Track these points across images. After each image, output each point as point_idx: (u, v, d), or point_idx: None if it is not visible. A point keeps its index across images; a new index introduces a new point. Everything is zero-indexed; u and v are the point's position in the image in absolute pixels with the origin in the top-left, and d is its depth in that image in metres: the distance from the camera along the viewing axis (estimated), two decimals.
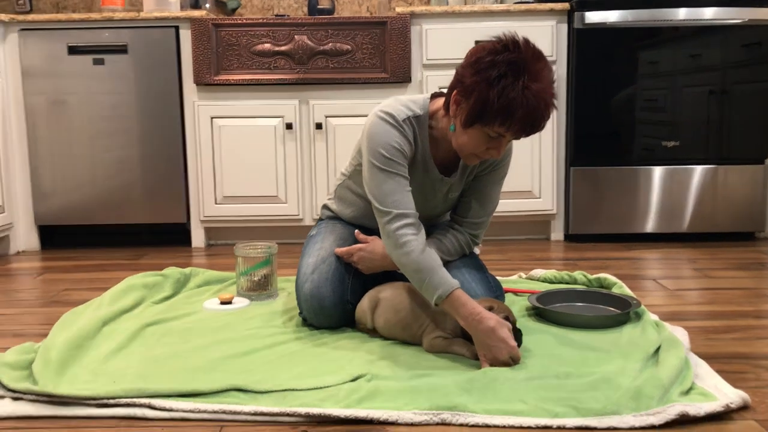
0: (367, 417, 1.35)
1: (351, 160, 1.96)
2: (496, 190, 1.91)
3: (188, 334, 1.85)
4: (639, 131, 3.13)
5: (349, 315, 1.88)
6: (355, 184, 1.95)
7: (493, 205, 1.92)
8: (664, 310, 2.09)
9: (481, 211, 1.90)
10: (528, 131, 1.59)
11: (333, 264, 1.89)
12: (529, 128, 1.58)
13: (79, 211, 3.20)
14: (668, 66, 3.07)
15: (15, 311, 2.21)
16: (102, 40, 3.09)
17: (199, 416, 1.38)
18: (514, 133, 1.59)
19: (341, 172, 2.04)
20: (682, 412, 1.31)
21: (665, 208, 3.16)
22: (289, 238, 3.24)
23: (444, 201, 1.91)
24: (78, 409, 1.42)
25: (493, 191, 1.91)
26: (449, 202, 1.92)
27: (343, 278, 1.89)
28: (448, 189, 1.86)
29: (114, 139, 3.16)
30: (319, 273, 1.87)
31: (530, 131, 1.59)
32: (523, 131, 1.58)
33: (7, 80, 3.13)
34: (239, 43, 3.08)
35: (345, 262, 1.91)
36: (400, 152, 1.71)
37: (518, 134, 1.60)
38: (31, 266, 2.90)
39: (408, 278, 1.70)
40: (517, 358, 1.58)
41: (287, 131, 3.13)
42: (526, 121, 1.55)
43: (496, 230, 3.29)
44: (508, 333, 1.59)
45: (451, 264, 1.90)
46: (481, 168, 1.87)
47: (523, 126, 1.56)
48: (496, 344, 1.57)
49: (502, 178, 1.91)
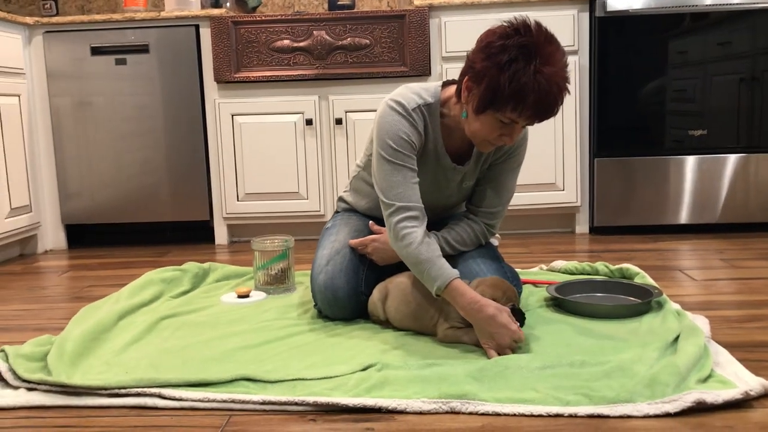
0: (375, 405, 1.33)
1: (365, 150, 1.94)
2: (512, 178, 1.88)
3: (203, 327, 1.85)
4: (665, 120, 3.06)
5: (364, 306, 1.87)
6: (369, 175, 1.94)
7: (509, 194, 1.89)
8: (688, 300, 2.04)
9: (496, 200, 1.87)
10: (541, 116, 1.56)
11: (347, 256, 1.88)
12: (542, 113, 1.55)
13: (105, 210, 3.24)
14: (696, 54, 3.00)
15: (38, 307, 2.25)
16: (124, 40, 3.13)
17: (208, 405, 1.38)
18: (527, 118, 1.56)
19: (356, 163, 2.03)
20: (698, 399, 1.27)
21: (695, 198, 3.09)
22: (310, 234, 3.24)
23: (458, 190, 1.88)
24: (90, 399, 1.43)
25: (509, 180, 1.87)
26: (464, 191, 1.89)
27: (358, 269, 1.88)
28: (461, 178, 1.84)
29: (137, 138, 3.19)
30: (333, 264, 1.87)
31: (543, 116, 1.56)
32: (535, 116, 1.55)
33: (32, 82, 3.18)
34: (258, 40, 3.09)
35: (359, 254, 1.90)
36: (408, 143, 1.69)
37: (531, 119, 1.57)
38: (57, 264, 2.95)
39: (410, 270, 1.69)
40: (520, 339, 1.56)
41: (307, 127, 3.13)
42: (539, 105, 1.52)
43: (519, 224, 3.25)
44: (508, 318, 1.56)
45: (467, 254, 1.87)
46: (495, 156, 1.84)
47: (535, 111, 1.54)
48: (498, 330, 1.55)
49: (518, 166, 1.88)
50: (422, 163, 1.77)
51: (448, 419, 1.30)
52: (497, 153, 1.84)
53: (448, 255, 1.81)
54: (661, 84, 3.04)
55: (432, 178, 1.81)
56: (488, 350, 1.56)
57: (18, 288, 2.52)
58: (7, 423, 1.35)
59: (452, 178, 1.83)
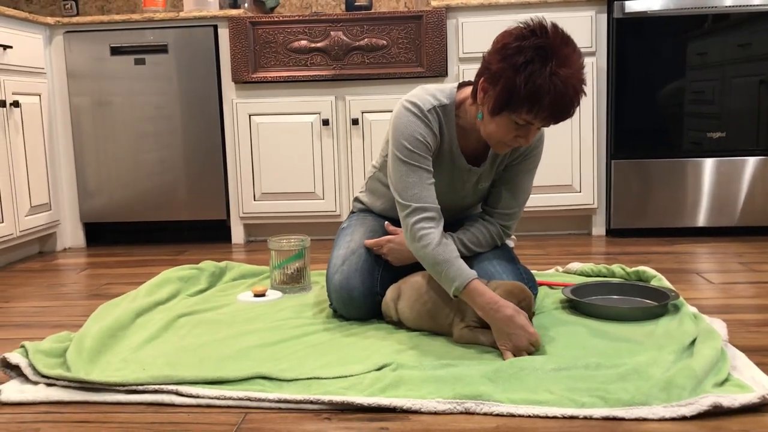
0: (390, 405, 1.34)
1: (381, 151, 1.95)
2: (528, 179, 1.88)
3: (219, 325, 1.87)
4: (683, 122, 3.04)
5: (379, 307, 1.87)
6: (385, 176, 1.95)
7: (525, 195, 1.89)
8: (705, 303, 2.02)
9: (512, 201, 1.87)
10: (557, 118, 1.55)
11: (363, 256, 1.89)
12: (557, 115, 1.54)
13: (123, 208, 3.27)
14: (715, 56, 2.98)
15: (57, 304, 2.27)
16: (143, 40, 3.16)
17: (224, 403, 1.39)
18: (542, 120, 1.56)
19: (372, 164, 2.04)
20: (715, 403, 1.26)
21: (713, 201, 3.06)
22: (326, 234, 3.25)
23: (474, 192, 1.88)
24: (108, 395, 1.44)
25: (525, 181, 1.87)
26: (479, 192, 1.89)
27: (373, 270, 1.88)
28: (477, 179, 1.84)
29: (156, 138, 3.22)
30: (349, 264, 1.87)
31: (559, 118, 1.56)
32: (551, 118, 1.55)
33: (53, 82, 3.22)
34: (276, 40, 3.10)
35: (375, 254, 1.91)
36: (423, 144, 1.69)
37: (547, 121, 1.57)
38: (75, 262, 2.98)
39: (427, 271, 1.69)
40: (537, 343, 1.56)
41: (324, 127, 3.14)
42: (555, 107, 1.52)
43: (535, 225, 3.24)
44: (526, 320, 1.56)
45: (482, 255, 1.87)
46: (511, 157, 1.84)
47: (551, 113, 1.53)
48: (515, 331, 1.55)
49: (534, 167, 1.88)
50: (438, 165, 1.77)
51: (463, 419, 1.30)
52: (513, 154, 1.84)
53: (464, 256, 1.81)
54: (679, 86, 3.02)
55: (447, 179, 1.81)
56: (504, 351, 1.56)
57: (37, 285, 2.55)
58: (27, 417, 1.37)
59: (468, 180, 1.83)
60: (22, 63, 2.97)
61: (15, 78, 2.91)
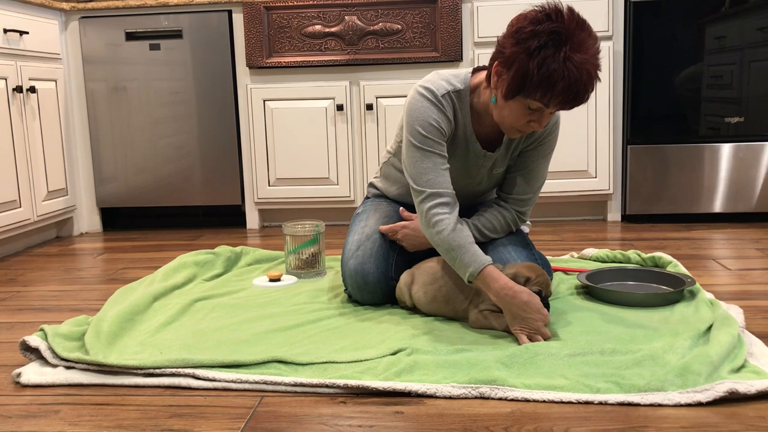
0: (405, 389, 1.34)
1: (395, 137, 1.95)
2: (543, 165, 1.87)
3: (235, 309, 1.88)
4: (700, 107, 3.01)
5: (393, 292, 1.88)
6: (399, 161, 1.95)
7: (540, 181, 1.88)
8: (721, 289, 2.01)
9: (527, 187, 1.86)
10: (570, 104, 1.54)
11: (377, 241, 1.89)
12: (571, 100, 1.53)
13: (139, 194, 3.30)
14: (734, 39, 2.94)
15: (75, 288, 2.30)
16: (158, 25, 3.16)
17: (240, 386, 1.41)
18: (556, 105, 1.55)
19: (387, 149, 2.03)
20: (731, 389, 1.26)
21: (730, 186, 3.04)
22: (340, 219, 3.25)
23: (489, 177, 1.88)
24: (125, 378, 1.46)
25: (540, 167, 1.86)
26: (494, 178, 1.89)
27: (387, 255, 1.89)
28: (492, 164, 1.83)
29: (171, 123, 3.23)
30: (364, 250, 1.88)
31: (573, 104, 1.54)
32: (564, 103, 1.54)
33: (69, 67, 3.23)
34: (290, 25, 3.10)
35: (390, 240, 1.91)
36: (437, 130, 1.69)
37: (560, 106, 1.55)
38: (92, 246, 3.01)
39: (442, 257, 1.69)
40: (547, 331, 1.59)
41: (338, 112, 3.14)
42: (568, 93, 1.51)
43: (550, 211, 3.23)
44: (540, 304, 1.57)
45: (497, 241, 1.87)
46: (526, 143, 1.83)
47: (564, 98, 1.52)
48: (531, 315, 1.55)
49: (548, 153, 1.87)
50: (452, 150, 1.77)
51: (477, 404, 1.30)
52: (528, 140, 1.83)
53: (479, 242, 1.81)
54: (697, 70, 2.99)
55: (462, 164, 1.81)
56: (520, 336, 1.56)
57: (55, 269, 2.58)
58: (47, 399, 1.39)
59: (482, 165, 1.83)
60: (39, 49, 2.98)
61: (31, 64, 2.93)
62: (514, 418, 1.24)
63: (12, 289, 2.31)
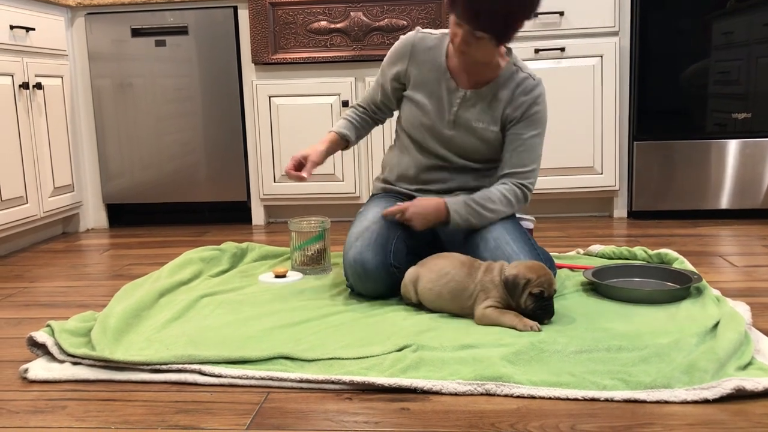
0: (410, 386, 1.34)
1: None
2: (535, 141, 1.93)
3: (241, 305, 1.88)
4: (707, 103, 3.00)
5: (394, 281, 1.88)
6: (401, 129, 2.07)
7: (533, 154, 1.93)
8: (728, 286, 2.01)
9: (518, 160, 1.92)
10: (472, 21, 1.69)
11: (376, 231, 1.91)
12: (471, 16, 1.68)
13: (145, 190, 3.30)
14: (741, 35, 2.92)
15: (81, 284, 2.31)
16: (163, 22, 3.17)
17: (246, 382, 1.41)
18: (463, 19, 1.70)
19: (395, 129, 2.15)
20: (738, 386, 1.26)
21: (737, 183, 3.03)
22: (346, 215, 3.25)
23: (467, 129, 1.94)
24: (132, 374, 1.46)
25: (531, 141, 1.92)
26: (473, 132, 1.94)
27: (386, 243, 1.90)
28: (464, 105, 1.92)
29: (176, 120, 3.24)
30: (362, 240, 1.90)
31: (475, 22, 1.69)
32: (466, 17, 1.69)
33: (75, 63, 3.24)
34: (296, 21, 3.10)
35: (387, 229, 1.91)
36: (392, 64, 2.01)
37: (467, 21, 1.70)
38: (98, 242, 3.02)
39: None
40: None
41: (343, 109, 3.13)
42: (468, 6, 1.67)
43: (556, 207, 3.23)
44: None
45: (500, 238, 1.87)
46: (511, 117, 1.92)
47: (464, 12, 1.68)
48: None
49: (537, 129, 1.93)
50: (425, 85, 1.95)
51: (483, 401, 1.30)
52: (512, 115, 1.91)
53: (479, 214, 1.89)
54: (703, 66, 2.97)
55: (436, 100, 1.95)
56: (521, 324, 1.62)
57: (61, 265, 2.59)
58: (54, 395, 1.39)
59: (453, 103, 1.93)
60: (45, 45, 2.99)
61: (37, 60, 2.94)
62: (520, 415, 1.24)
63: (19, 285, 2.32)
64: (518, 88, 1.91)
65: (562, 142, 3.06)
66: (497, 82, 1.91)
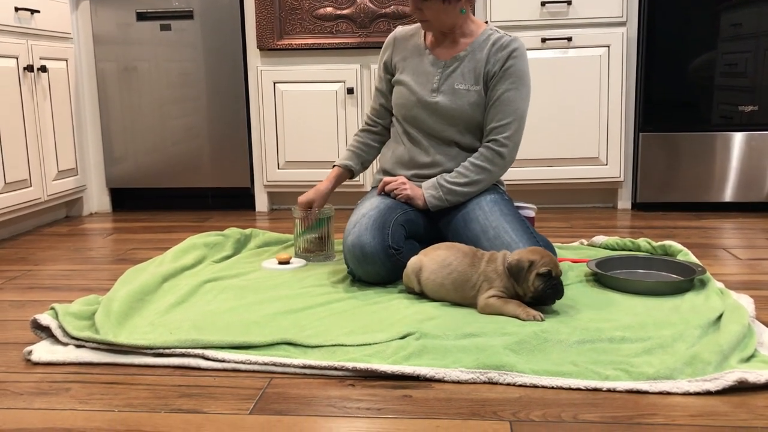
0: (413, 373, 1.35)
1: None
2: (515, 96, 1.97)
3: (244, 291, 1.88)
4: (714, 95, 2.98)
5: (394, 262, 1.89)
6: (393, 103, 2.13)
7: (513, 106, 1.97)
8: (732, 279, 2.00)
9: (500, 114, 1.98)
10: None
11: (373, 216, 1.93)
12: None
13: (149, 175, 3.30)
14: (749, 27, 2.90)
15: (85, 267, 2.31)
16: (169, 6, 3.15)
17: (250, 367, 1.41)
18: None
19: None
20: (740, 378, 1.26)
21: (742, 176, 3.02)
22: (349, 203, 3.25)
23: (453, 92, 1.99)
24: (135, 357, 1.47)
25: (511, 96, 1.97)
26: (459, 97, 1.98)
27: (383, 226, 1.91)
28: (446, 72, 2.00)
29: (181, 104, 3.23)
30: (360, 225, 1.92)
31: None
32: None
33: (79, 47, 3.23)
34: (301, 7, 3.08)
35: (385, 213, 1.94)
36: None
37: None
38: (102, 227, 3.02)
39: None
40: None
41: (348, 96, 3.13)
42: None
43: (560, 198, 3.22)
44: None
45: (498, 226, 1.89)
46: (490, 75, 1.98)
47: None
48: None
49: (517, 83, 1.97)
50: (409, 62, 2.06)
51: (486, 389, 1.31)
52: (491, 69, 1.98)
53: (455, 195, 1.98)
54: (711, 57, 2.96)
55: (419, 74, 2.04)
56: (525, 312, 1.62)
57: (65, 249, 2.59)
58: (58, 377, 1.40)
59: (435, 73, 2.02)
60: (50, 28, 2.98)
61: (42, 43, 2.93)
62: (522, 404, 1.24)
63: (23, 267, 2.33)
64: (494, 46, 1.99)
65: (568, 132, 3.05)
66: (473, 45, 2.00)
